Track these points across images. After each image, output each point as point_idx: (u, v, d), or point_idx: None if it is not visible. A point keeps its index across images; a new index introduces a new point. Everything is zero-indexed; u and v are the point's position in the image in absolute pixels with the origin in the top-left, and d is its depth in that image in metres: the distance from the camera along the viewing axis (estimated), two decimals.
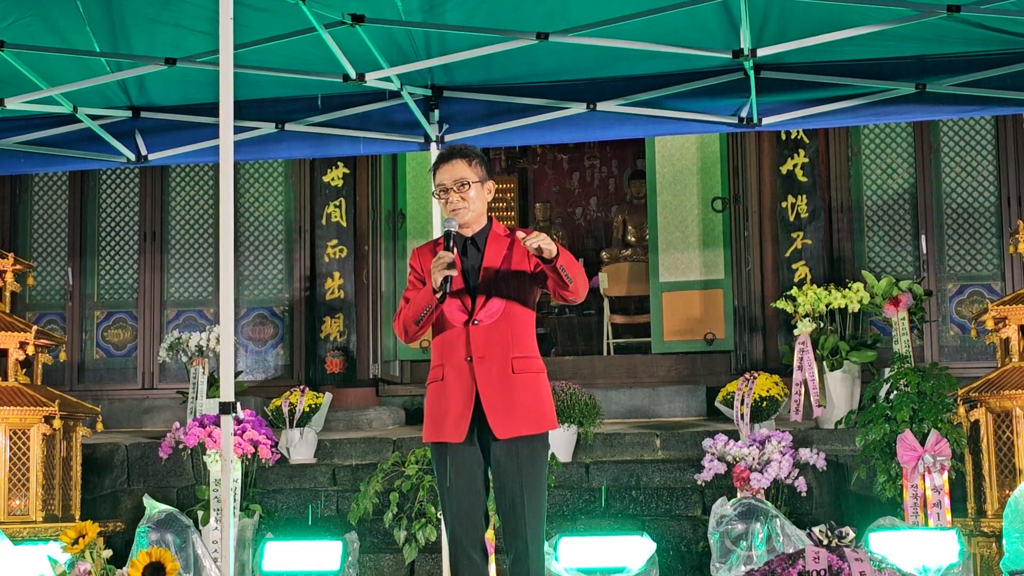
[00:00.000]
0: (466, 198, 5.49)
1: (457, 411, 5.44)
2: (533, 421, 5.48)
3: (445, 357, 5.51)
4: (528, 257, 5.45)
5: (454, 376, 5.47)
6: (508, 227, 5.64)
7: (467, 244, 5.55)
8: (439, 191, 5.52)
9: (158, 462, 10.16)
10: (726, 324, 12.32)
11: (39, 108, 8.32)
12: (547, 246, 5.19)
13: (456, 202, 5.49)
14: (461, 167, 5.51)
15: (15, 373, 9.28)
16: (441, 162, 5.55)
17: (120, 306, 12.95)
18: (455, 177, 5.49)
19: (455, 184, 5.48)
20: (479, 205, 5.55)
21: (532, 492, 5.47)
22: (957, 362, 11.14)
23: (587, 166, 17.26)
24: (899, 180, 11.75)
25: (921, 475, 8.34)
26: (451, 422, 5.45)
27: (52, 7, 7.47)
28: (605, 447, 10.05)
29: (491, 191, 5.61)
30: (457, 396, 5.45)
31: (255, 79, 7.97)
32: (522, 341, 5.50)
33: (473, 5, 7.31)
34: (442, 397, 5.50)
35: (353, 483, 9.93)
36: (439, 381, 5.52)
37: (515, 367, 5.45)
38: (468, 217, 5.51)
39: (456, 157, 5.54)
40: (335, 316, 12.43)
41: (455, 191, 5.48)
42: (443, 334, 5.52)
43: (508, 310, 5.47)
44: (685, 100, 8.16)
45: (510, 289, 5.48)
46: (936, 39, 7.55)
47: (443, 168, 5.53)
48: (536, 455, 5.51)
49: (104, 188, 13.08)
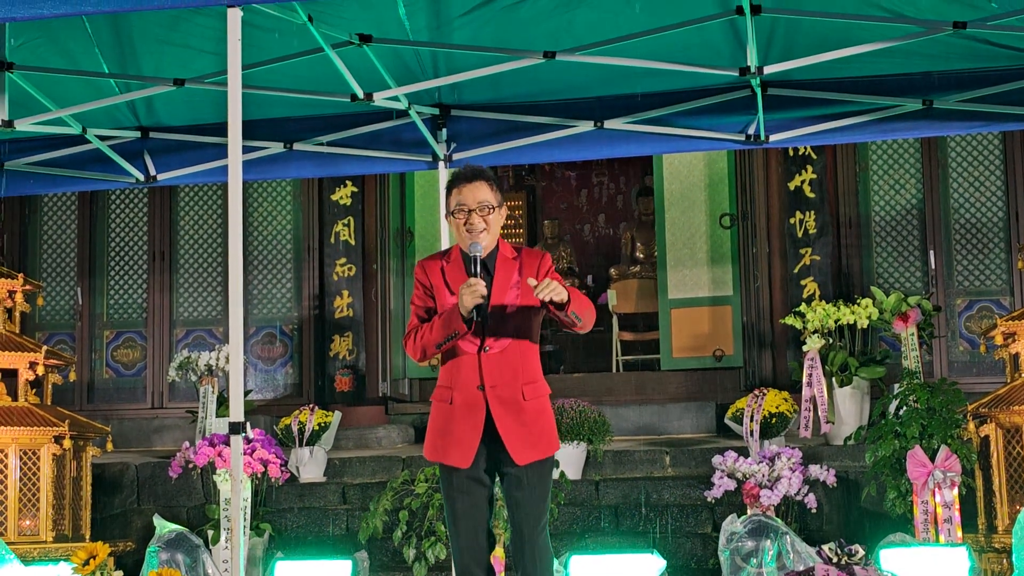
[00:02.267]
0: (488, 221, 5.45)
1: (466, 437, 5.45)
2: (545, 445, 5.51)
3: (454, 381, 5.50)
4: (538, 275, 5.44)
5: (463, 402, 5.46)
6: (515, 246, 5.62)
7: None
8: (459, 212, 5.45)
9: (168, 481, 10.16)
10: (735, 340, 12.31)
11: (48, 129, 8.34)
12: (558, 296, 5.18)
13: (478, 224, 5.43)
14: (484, 190, 5.45)
15: (25, 393, 9.30)
16: (463, 182, 5.47)
17: (129, 326, 12.97)
18: (479, 200, 5.43)
19: (478, 206, 5.43)
20: (497, 229, 5.52)
21: (542, 512, 5.52)
22: (966, 377, 11.11)
23: (595, 183, 17.28)
24: (907, 196, 11.75)
25: (931, 491, 8.32)
26: (459, 447, 5.46)
27: (61, 29, 7.50)
28: (615, 464, 10.04)
29: (505, 215, 5.58)
30: (466, 422, 5.45)
31: (263, 99, 7.99)
32: (531, 366, 5.52)
33: (480, 24, 7.33)
34: (450, 420, 5.49)
35: (363, 502, 9.93)
36: (447, 403, 5.51)
37: (525, 394, 5.47)
38: (487, 241, 5.47)
39: (480, 179, 5.46)
40: (344, 334, 12.44)
41: (477, 213, 5.43)
42: (455, 360, 5.51)
43: (518, 337, 5.48)
44: (692, 117, 8.17)
45: (519, 316, 5.48)
46: (943, 55, 7.56)
47: (466, 189, 5.45)
48: (547, 477, 5.56)
49: (113, 208, 13.12)
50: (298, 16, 6.77)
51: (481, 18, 7.27)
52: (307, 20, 6.83)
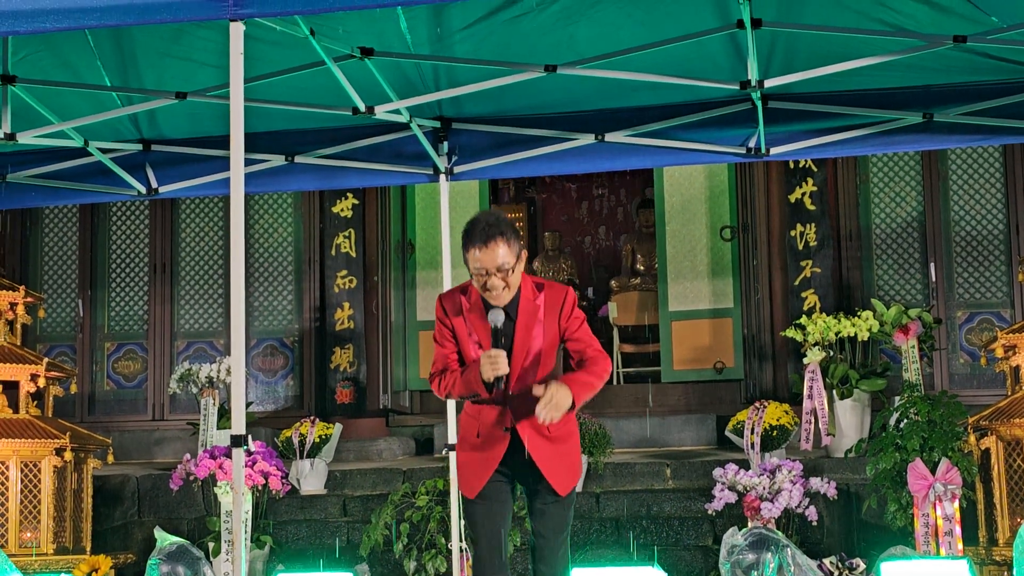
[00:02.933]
0: (508, 281, 5.42)
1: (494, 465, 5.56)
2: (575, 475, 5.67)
3: (482, 422, 5.58)
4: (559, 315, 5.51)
5: (491, 439, 5.56)
6: (537, 283, 5.58)
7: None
8: (477, 274, 5.39)
9: (169, 494, 10.17)
10: (736, 353, 12.32)
11: (50, 142, 8.35)
12: (560, 413, 5.31)
13: (497, 285, 5.40)
14: (503, 251, 5.35)
15: (26, 405, 9.32)
16: (479, 243, 5.35)
17: (130, 338, 12.98)
18: (498, 263, 5.35)
19: (496, 269, 5.37)
20: (518, 280, 5.49)
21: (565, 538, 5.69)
22: (967, 390, 11.12)
23: (596, 195, 17.27)
24: (908, 208, 11.76)
25: (932, 504, 8.33)
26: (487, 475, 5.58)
27: (63, 42, 7.50)
28: (615, 477, 10.04)
29: (524, 260, 5.51)
30: (495, 454, 5.55)
31: (265, 111, 7.99)
32: None
33: (481, 38, 7.33)
34: (481, 459, 5.59)
35: (364, 514, 9.93)
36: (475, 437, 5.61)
37: (550, 430, 5.51)
38: (507, 298, 5.46)
39: (496, 239, 5.33)
40: (345, 347, 12.45)
41: (495, 275, 5.38)
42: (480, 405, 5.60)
43: (542, 376, 5.52)
44: (693, 131, 8.17)
45: (542, 358, 5.52)
46: (943, 69, 7.56)
47: (483, 253, 5.34)
48: (572, 505, 5.71)
49: (114, 220, 13.13)
50: (300, 29, 6.78)
51: (482, 31, 7.28)
52: (309, 33, 6.84)
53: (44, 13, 5.13)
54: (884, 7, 6.91)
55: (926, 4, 6.85)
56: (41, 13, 5.13)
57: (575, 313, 5.54)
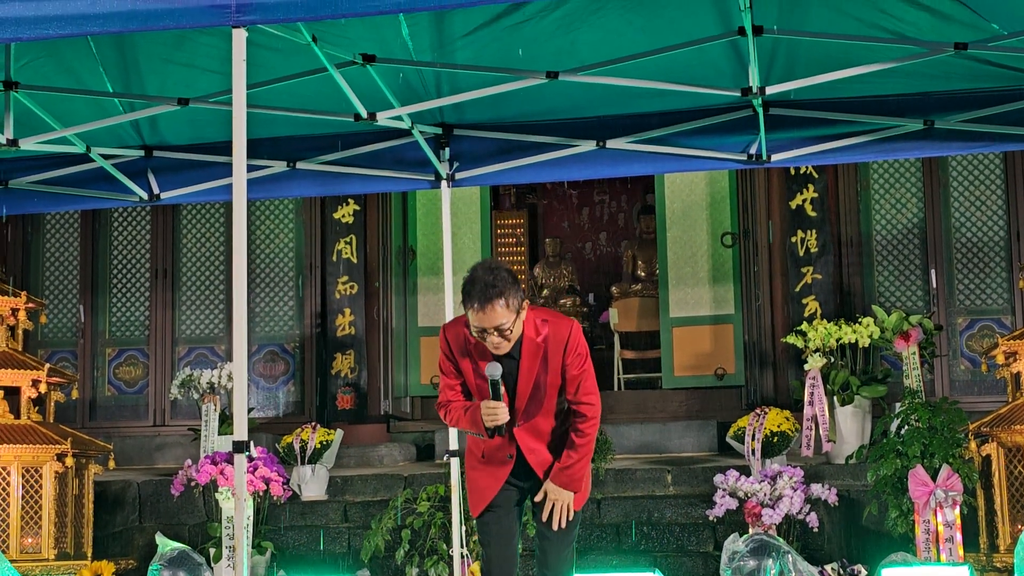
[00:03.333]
0: (507, 337, 5.43)
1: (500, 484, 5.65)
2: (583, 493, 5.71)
3: (487, 449, 5.65)
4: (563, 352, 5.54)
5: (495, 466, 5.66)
6: (541, 320, 5.57)
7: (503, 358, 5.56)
8: (477, 330, 5.41)
9: (170, 499, 10.17)
10: (736, 359, 12.32)
11: (53, 148, 8.36)
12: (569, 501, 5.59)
13: (498, 343, 5.42)
14: (500, 313, 5.34)
15: (28, 411, 9.32)
16: (477, 305, 5.34)
17: (132, 343, 12.99)
18: (495, 324, 5.36)
19: (494, 329, 5.38)
20: (518, 332, 5.48)
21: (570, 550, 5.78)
22: (968, 396, 11.12)
23: (597, 201, 17.30)
24: (908, 215, 11.77)
25: (933, 510, 8.33)
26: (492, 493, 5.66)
27: (66, 48, 7.51)
28: (616, 483, 10.04)
29: (526, 309, 5.50)
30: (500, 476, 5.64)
31: (267, 118, 8.00)
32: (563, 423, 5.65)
33: (483, 44, 7.35)
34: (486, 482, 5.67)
35: (365, 520, 9.93)
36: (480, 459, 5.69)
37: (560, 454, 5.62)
38: (508, 348, 5.47)
39: (493, 302, 5.32)
40: (346, 352, 12.45)
41: (495, 334, 5.39)
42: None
43: (547, 405, 5.58)
44: (694, 137, 8.19)
45: (547, 391, 5.57)
46: (944, 76, 7.57)
47: (481, 314, 5.33)
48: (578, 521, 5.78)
49: (116, 226, 13.14)
50: (302, 36, 6.79)
51: (484, 38, 7.29)
52: (311, 40, 6.85)
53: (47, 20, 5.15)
54: (885, 14, 6.93)
55: (927, 11, 6.87)
56: (44, 20, 5.15)
57: (578, 351, 5.57)
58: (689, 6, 6.95)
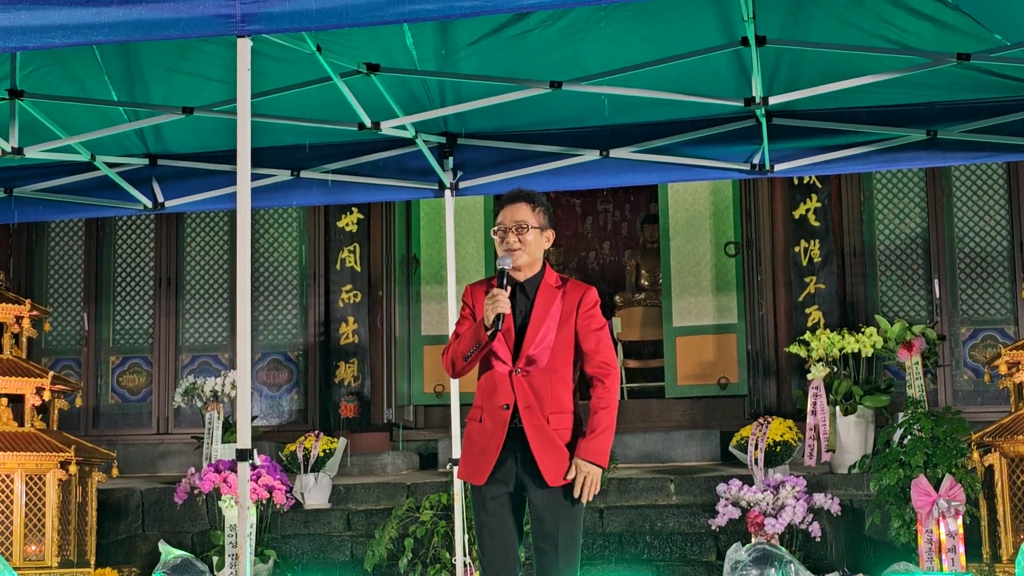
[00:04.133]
0: (523, 240, 5.54)
1: (494, 454, 5.51)
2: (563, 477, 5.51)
3: (486, 400, 5.57)
4: (576, 312, 5.54)
5: (490, 421, 5.53)
6: (563, 276, 5.67)
7: (517, 290, 5.59)
8: (497, 230, 5.57)
9: (173, 507, 10.18)
10: (740, 368, 12.33)
11: (57, 156, 8.38)
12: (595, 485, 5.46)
13: (512, 242, 5.53)
14: (524, 210, 5.56)
15: (31, 419, 9.33)
16: (506, 202, 5.62)
17: (135, 351, 13.00)
18: (515, 219, 5.54)
19: (514, 225, 5.53)
20: (535, 250, 5.59)
21: (568, 542, 5.53)
22: (971, 406, 11.12)
23: (600, 210, 17.29)
24: (912, 224, 11.78)
25: (935, 520, 8.33)
26: (487, 465, 5.52)
27: (71, 57, 7.54)
28: (619, 492, 10.05)
29: (550, 239, 5.65)
30: (495, 440, 5.51)
31: (271, 127, 8.02)
32: (559, 396, 5.55)
33: (487, 54, 7.36)
34: (480, 439, 5.56)
35: (368, 529, 9.94)
36: (478, 422, 5.59)
37: (551, 421, 5.50)
38: (522, 260, 5.56)
39: (521, 200, 5.60)
40: (349, 361, 12.46)
41: (513, 232, 5.53)
42: (486, 376, 5.59)
43: (551, 362, 5.53)
44: (698, 147, 8.20)
45: (555, 342, 5.53)
46: (947, 86, 7.58)
47: (506, 209, 5.59)
48: (575, 504, 5.55)
49: (120, 234, 13.16)
50: (307, 45, 6.81)
51: (488, 48, 7.31)
52: (315, 50, 6.87)
53: (52, 29, 5.16)
54: (888, 24, 6.95)
55: (930, 22, 6.88)
56: (50, 29, 5.16)
57: (594, 311, 5.59)
58: (692, 16, 6.97)
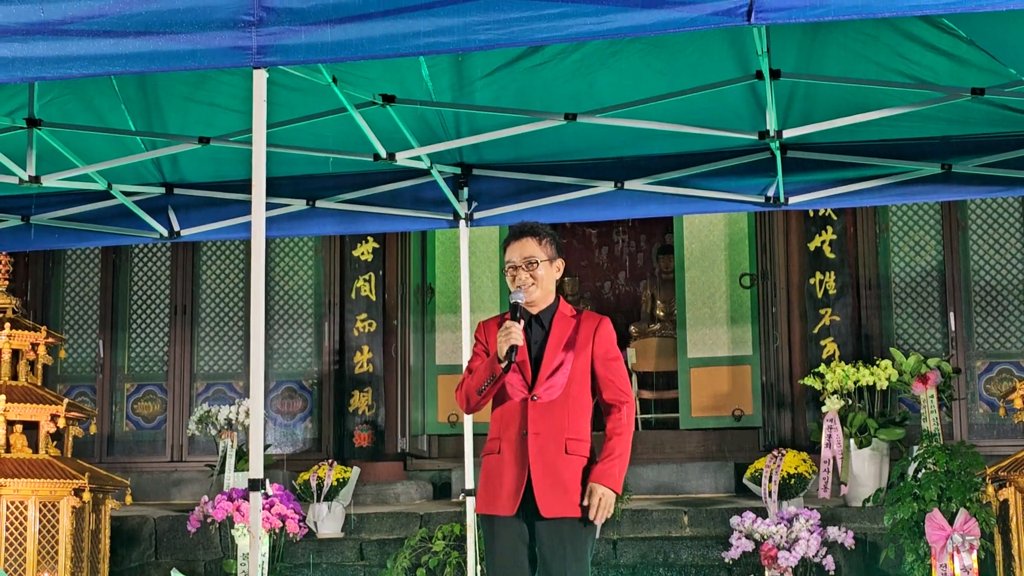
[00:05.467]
0: (535, 276, 5.61)
1: (511, 486, 5.51)
2: (580, 504, 5.50)
3: (502, 430, 5.59)
4: (592, 341, 5.57)
5: (509, 450, 5.54)
6: (577, 307, 5.72)
7: (532, 321, 5.65)
8: (508, 268, 5.63)
9: (186, 535, 10.19)
10: (754, 400, 12.31)
11: (74, 185, 8.41)
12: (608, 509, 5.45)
13: (525, 279, 5.60)
14: (531, 245, 5.62)
15: (46, 445, 9.35)
16: (512, 240, 5.67)
17: (150, 379, 13.03)
18: (524, 255, 5.61)
19: (524, 262, 5.60)
20: (547, 283, 5.66)
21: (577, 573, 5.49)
22: (986, 440, 11.09)
23: (616, 241, 17.30)
24: (927, 257, 11.76)
25: (950, 555, 8.29)
26: (503, 496, 5.52)
27: (89, 86, 7.58)
28: (633, 523, 10.03)
29: (560, 269, 5.72)
30: (511, 470, 5.52)
31: (287, 156, 8.05)
32: (577, 423, 5.56)
33: (502, 86, 7.39)
34: (497, 470, 5.57)
35: (380, 558, 9.93)
36: (496, 454, 5.60)
37: (568, 448, 5.52)
38: (536, 295, 5.63)
39: (526, 235, 5.65)
40: (364, 390, 12.47)
41: (524, 268, 5.60)
42: (502, 407, 5.61)
43: (567, 391, 5.56)
44: (712, 179, 8.21)
45: (570, 371, 5.56)
46: (961, 120, 7.58)
47: (513, 246, 5.65)
48: (580, 537, 5.52)
49: (136, 262, 13.21)
50: (322, 77, 6.84)
51: (503, 80, 7.34)
52: (331, 81, 6.90)
53: (70, 59, 5.19)
54: (902, 59, 6.95)
55: (945, 56, 6.89)
56: (67, 59, 5.19)
57: (610, 340, 5.65)
58: (707, 49, 6.99)
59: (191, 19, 5.10)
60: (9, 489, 8.95)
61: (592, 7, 4.78)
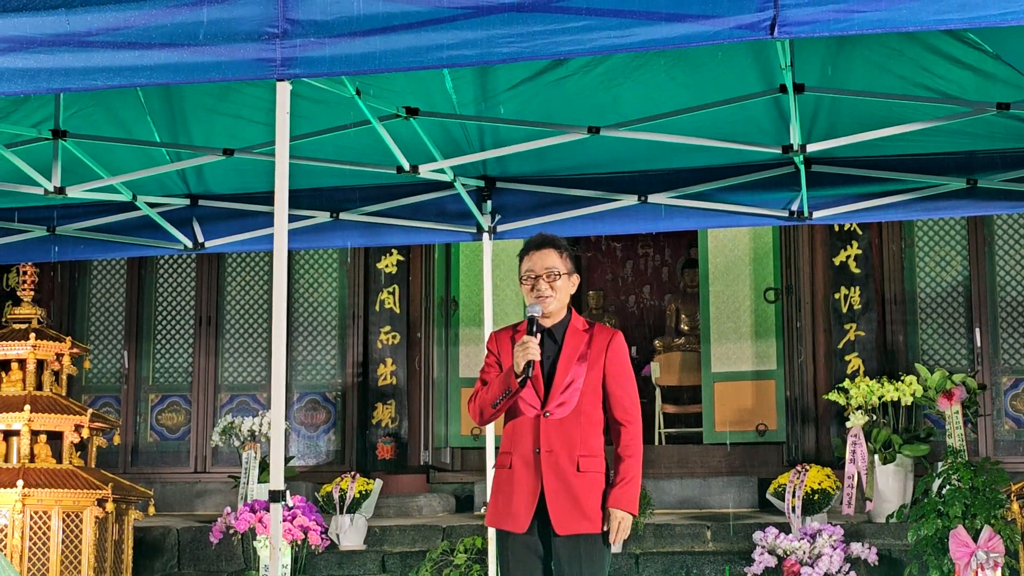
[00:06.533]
0: (554, 287, 5.57)
1: (523, 502, 5.48)
2: (595, 520, 5.47)
3: (514, 446, 5.56)
4: (604, 356, 5.55)
5: (521, 466, 5.51)
6: (589, 320, 5.70)
7: (545, 335, 5.60)
8: (527, 278, 5.59)
9: (209, 546, 10.20)
10: (778, 415, 12.27)
11: (99, 196, 8.44)
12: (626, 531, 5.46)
13: (544, 290, 5.55)
14: (552, 256, 5.59)
15: (70, 456, 9.38)
16: (532, 249, 5.63)
17: (174, 390, 13.07)
18: (546, 265, 5.57)
19: (545, 272, 5.56)
20: (564, 296, 5.62)
21: None
22: (1012, 457, 11.03)
23: (640, 254, 17.29)
24: (953, 272, 11.71)
25: (974, 572, 8.24)
26: (515, 512, 5.50)
27: (114, 98, 7.60)
28: (656, 538, 10.00)
29: (575, 284, 5.69)
30: (523, 487, 5.49)
31: (310, 169, 8.06)
32: (590, 439, 5.52)
33: (525, 99, 7.39)
34: (508, 486, 5.54)
35: (402, 571, 9.93)
36: (507, 468, 5.57)
37: (580, 465, 5.47)
38: (552, 307, 5.58)
39: (548, 246, 5.61)
40: (387, 402, 12.48)
41: (544, 279, 5.56)
42: (514, 422, 5.57)
43: (579, 406, 5.51)
44: (736, 193, 8.19)
45: (583, 386, 5.53)
46: (987, 135, 7.55)
47: (534, 255, 5.61)
48: (596, 554, 5.49)
49: (161, 273, 13.25)
50: (346, 89, 6.86)
51: (527, 93, 7.34)
52: (355, 93, 6.91)
53: (96, 71, 5.22)
54: (928, 73, 6.93)
55: (970, 70, 6.86)
56: (93, 71, 5.22)
57: (623, 355, 5.61)
58: (731, 63, 6.97)
59: (216, 31, 5.13)
60: (33, 499, 8.98)
61: (616, 20, 4.78)
